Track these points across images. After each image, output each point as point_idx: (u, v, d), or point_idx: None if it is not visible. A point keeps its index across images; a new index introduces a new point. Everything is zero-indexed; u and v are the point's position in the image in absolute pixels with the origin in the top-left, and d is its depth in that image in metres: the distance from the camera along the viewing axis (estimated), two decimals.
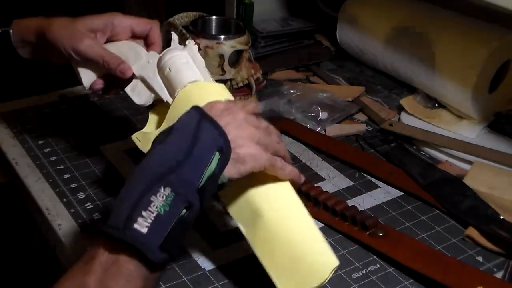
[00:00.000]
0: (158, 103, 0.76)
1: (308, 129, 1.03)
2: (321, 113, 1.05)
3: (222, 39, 0.99)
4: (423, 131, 1.01)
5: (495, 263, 0.77)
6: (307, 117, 1.05)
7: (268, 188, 0.67)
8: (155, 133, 0.72)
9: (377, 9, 1.20)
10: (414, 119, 1.06)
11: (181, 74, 0.72)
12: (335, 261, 0.62)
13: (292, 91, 1.10)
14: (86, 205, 0.83)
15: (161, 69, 0.75)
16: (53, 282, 0.54)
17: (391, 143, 1.00)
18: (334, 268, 0.62)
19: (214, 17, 1.06)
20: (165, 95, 0.73)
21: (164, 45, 0.83)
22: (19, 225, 1.16)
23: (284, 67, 1.23)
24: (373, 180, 0.91)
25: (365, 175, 0.92)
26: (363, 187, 0.90)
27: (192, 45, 0.76)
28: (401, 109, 1.09)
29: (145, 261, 0.54)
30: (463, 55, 1.02)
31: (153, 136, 0.71)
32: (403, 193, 0.89)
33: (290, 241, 0.64)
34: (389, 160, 0.96)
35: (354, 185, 0.90)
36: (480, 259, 0.77)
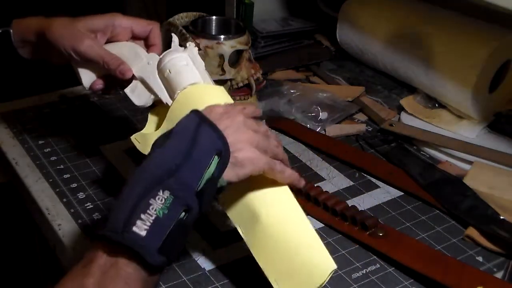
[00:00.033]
0: (157, 104, 0.76)
1: (308, 129, 1.02)
2: (321, 113, 1.05)
3: (222, 39, 0.99)
4: (423, 131, 1.01)
5: (495, 263, 0.77)
6: (307, 117, 1.04)
7: (267, 192, 0.67)
8: (154, 134, 0.72)
9: (377, 9, 1.20)
10: (414, 119, 1.06)
11: (181, 76, 0.73)
12: (332, 265, 0.63)
13: (292, 91, 1.10)
14: (86, 205, 0.83)
15: (161, 70, 0.75)
16: (53, 282, 0.54)
17: (391, 143, 1.00)
18: (331, 271, 0.62)
19: (214, 17, 1.06)
20: (165, 97, 0.74)
21: (164, 45, 0.83)
22: (19, 225, 1.16)
23: (284, 67, 1.23)
24: (373, 180, 0.91)
25: (365, 175, 0.92)
26: (363, 187, 0.90)
27: (192, 47, 0.76)
28: (401, 109, 1.09)
29: (143, 264, 0.54)
30: (463, 55, 1.02)
31: (152, 137, 0.71)
32: (403, 193, 0.89)
33: (288, 244, 0.64)
34: (389, 160, 0.96)
35: (354, 185, 0.90)
36: (480, 259, 0.77)
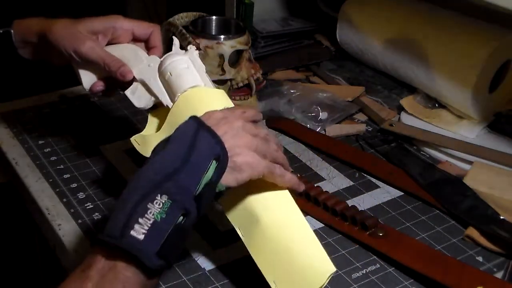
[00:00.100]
0: (158, 106, 0.76)
1: (308, 129, 1.02)
2: (321, 113, 1.05)
3: (222, 39, 0.99)
4: (423, 131, 1.01)
5: (495, 263, 0.77)
6: (307, 117, 1.04)
7: (266, 195, 0.67)
8: (154, 136, 0.72)
9: (377, 9, 1.20)
10: (414, 119, 1.05)
11: (181, 79, 0.73)
12: (331, 268, 0.63)
13: (292, 91, 1.10)
14: (86, 205, 0.83)
15: (161, 73, 0.75)
16: (53, 282, 0.54)
17: (391, 143, 1.00)
18: (330, 274, 0.62)
19: (214, 17, 1.06)
20: (166, 99, 0.74)
21: (164, 45, 0.83)
22: (19, 225, 1.16)
23: (284, 67, 1.23)
24: (373, 180, 0.91)
25: (365, 175, 0.92)
26: (363, 187, 0.90)
27: (193, 50, 0.76)
28: (401, 109, 1.09)
29: (142, 267, 0.54)
30: (463, 55, 1.02)
31: (152, 138, 0.72)
32: (403, 193, 0.89)
33: (287, 247, 0.64)
34: (389, 160, 0.96)
35: (354, 185, 0.90)
36: (480, 259, 0.77)
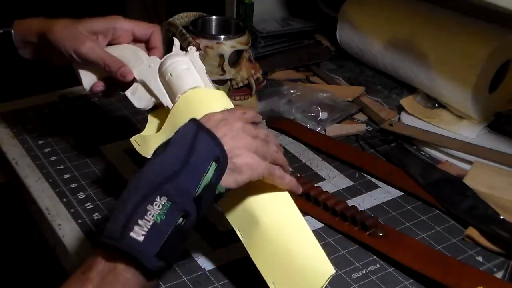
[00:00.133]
0: (158, 107, 0.76)
1: (308, 129, 1.02)
2: (321, 113, 1.05)
3: (222, 39, 0.99)
4: (423, 131, 1.01)
5: (495, 263, 0.77)
6: (307, 117, 1.04)
7: (266, 197, 0.67)
8: (154, 137, 0.72)
9: (377, 9, 1.20)
10: (414, 119, 1.05)
11: (182, 79, 0.73)
12: (331, 270, 0.63)
13: (292, 91, 1.10)
14: (86, 205, 0.83)
15: (162, 74, 0.75)
16: (53, 282, 0.54)
17: (391, 143, 1.00)
18: (330, 276, 0.62)
19: (214, 17, 1.06)
20: (166, 100, 0.74)
21: (164, 45, 0.83)
22: (19, 225, 1.16)
23: (284, 67, 1.23)
24: (373, 180, 0.91)
25: (365, 175, 0.92)
26: (363, 187, 0.90)
27: (193, 51, 0.76)
28: (401, 109, 1.09)
29: (142, 269, 0.54)
30: (463, 55, 1.02)
31: (152, 139, 0.72)
32: (403, 193, 0.89)
33: (287, 249, 0.64)
34: (389, 160, 0.96)
35: (354, 185, 0.90)
36: (480, 259, 0.77)
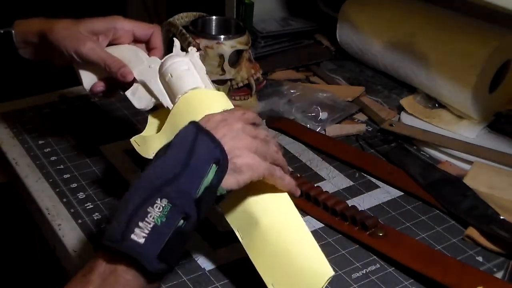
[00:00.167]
0: (158, 107, 0.76)
1: (308, 129, 1.02)
2: (321, 113, 1.05)
3: (222, 39, 0.99)
4: (423, 131, 1.01)
5: (495, 263, 0.77)
6: (307, 117, 1.04)
7: (265, 198, 0.67)
8: (154, 137, 0.72)
9: (377, 9, 1.20)
10: (414, 119, 1.05)
11: (182, 80, 0.73)
12: (330, 272, 0.63)
13: (292, 91, 1.10)
14: (86, 205, 0.83)
15: (162, 74, 0.75)
16: (53, 283, 0.55)
17: (391, 143, 1.00)
18: (329, 278, 0.62)
19: (214, 17, 1.06)
20: (166, 101, 0.74)
21: (164, 45, 0.83)
22: (19, 225, 1.16)
23: (284, 67, 1.23)
24: (373, 180, 0.91)
25: (365, 175, 0.92)
26: (363, 187, 0.90)
27: (193, 51, 0.76)
28: (401, 109, 1.09)
29: (142, 271, 0.54)
30: (463, 55, 1.02)
31: (152, 140, 0.72)
32: (403, 193, 0.89)
33: (286, 250, 0.64)
34: (389, 160, 0.96)
35: (354, 185, 0.90)
36: (480, 259, 0.77)
